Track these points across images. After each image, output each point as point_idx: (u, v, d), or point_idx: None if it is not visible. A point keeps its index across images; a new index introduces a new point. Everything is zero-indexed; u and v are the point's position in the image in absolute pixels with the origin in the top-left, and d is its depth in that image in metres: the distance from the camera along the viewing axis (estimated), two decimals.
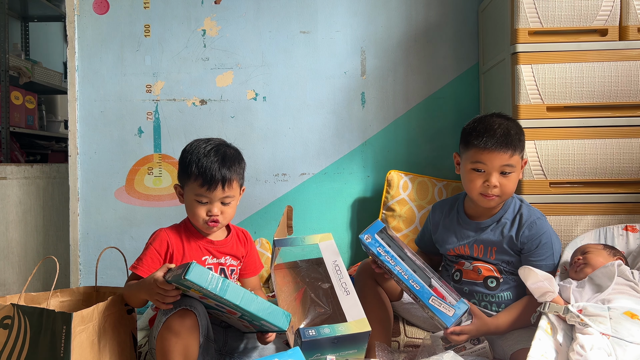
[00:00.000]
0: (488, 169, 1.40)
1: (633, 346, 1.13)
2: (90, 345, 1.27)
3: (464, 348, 1.36)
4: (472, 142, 1.41)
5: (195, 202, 1.36)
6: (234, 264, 1.46)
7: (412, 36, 2.20)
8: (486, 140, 1.38)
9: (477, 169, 1.42)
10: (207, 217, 1.37)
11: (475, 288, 1.48)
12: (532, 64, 1.72)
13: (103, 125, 2.23)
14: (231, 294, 1.16)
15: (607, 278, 1.31)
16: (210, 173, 1.33)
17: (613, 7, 1.70)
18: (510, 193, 1.43)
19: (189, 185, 1.37)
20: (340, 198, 2.22)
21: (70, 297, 1.49)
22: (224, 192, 1.36)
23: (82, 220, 2.22)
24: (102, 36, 2.22)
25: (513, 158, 1.39)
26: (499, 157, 1.38)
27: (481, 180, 1.41)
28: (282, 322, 1.25)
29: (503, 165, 1.39)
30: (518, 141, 1.40)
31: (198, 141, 1.42)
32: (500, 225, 1.47)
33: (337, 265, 1.45)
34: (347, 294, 1.37)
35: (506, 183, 1.40)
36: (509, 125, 1.41)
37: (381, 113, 2.21)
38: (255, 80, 2.21)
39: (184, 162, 1.39)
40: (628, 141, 1.70)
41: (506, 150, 1.38)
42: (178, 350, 1.19)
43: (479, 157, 1.40)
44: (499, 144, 1.37)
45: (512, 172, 1.40)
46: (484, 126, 1.41)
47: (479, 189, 1.42)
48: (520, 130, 1.44)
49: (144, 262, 1.35)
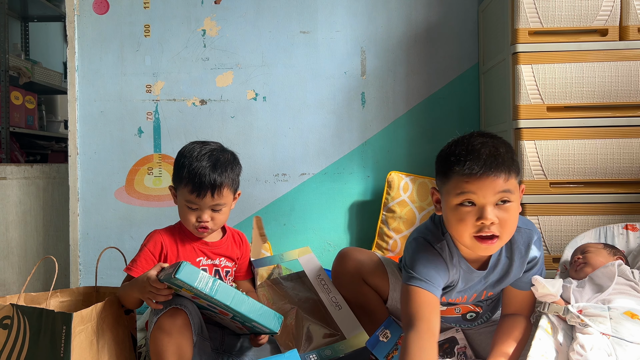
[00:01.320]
0: (479, 200, 1.07)
1: (633, 346, 1.13)
2: (89, 345, 1.26)
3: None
4: (452, 170, 1.09)
5: (186, 207, 1.35)
6: (229, 265, 1.45)
7: (412, 36, 2.20)
8: (471, 164, 1.06)
9: (464, 202, 1.08)
10: (197, 223, 1.35)
11: (450, 319, 1.35)
12: (532, 64, 1.72)
13: (103, 126, 2.22)
14: (222, 294, 1.16)
15: (607, 278, 1.31)
16: (200, 180, 1.30)
17: (613, 7, 1.70)
18: (512, 231, 1.12)
19: (180, 190, 1.35)
20: (340, 198, 2.21)
21: (70, 297, 1.49)
22: (213, 200, 1.33)
23: (82, 221, 2.22)
24: (102, 36, 2.22)
25: (509, 182, 1.07)
26: (491, 184, 1.06)
27: (473, 217, 1.08)
28: (274, 324, 1.24)
29: (498, 193, 1.06)
30: (511, 160, 1.09)
31: (194, 144, 1.39)
32: (499, 268, 1.21)
33: (323, 279, 1.42)
34: (339, 308, 1.35)
35: (506, 217, 1.08)
36: (496, 143, 1.10)
37: (381, 113, 2.21)
38: (255, 80, 2.21)
39: (177, 165, 1.37)
40: (628, 141, 1.70)
41: (498, 172, 1.06)
42: (171, 350, 1.19)
43: (465, 187, 1.07)
44: (489, 166, 1.06)
45: (511, 201, 1.08)
46: (464, 148, 1.09)
47: (472, 229, 1.09)
48: (510, 149, 1.12)
49: (138, 263, 1.35)
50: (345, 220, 2.22)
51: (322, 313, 1.43)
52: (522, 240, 1.19)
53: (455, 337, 1.38)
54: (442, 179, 1.13)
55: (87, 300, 1.50)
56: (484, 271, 1.20)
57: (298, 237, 2.21)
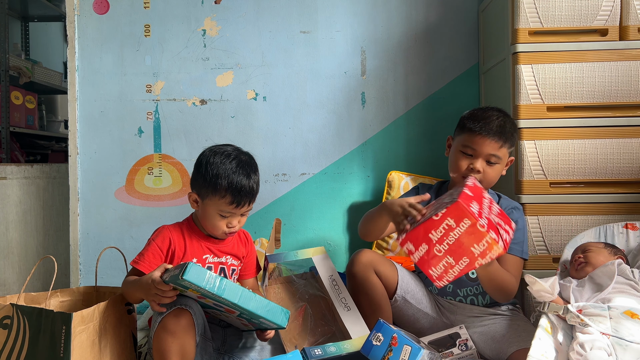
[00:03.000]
0: (476, 153, 1.44)
1: (633, 345, 1.13)
2: (91, 345, 1.27)
3: (451, 354, 1.36)
4: (467, 126, 1.46)
5: (218, 215, 1.37)
6: (235, 263, 1.46)
7: (412, 36, 2.20)
8: (481, 126, 1.43)
9: (465, 152, 1.46)
10: (227, 229, 1.38)
11: (458, 281, 1.50)
12: (532, 64, 1.72)
13: (103, 125, 2.23)
14: (229, 292, 1.17)
15: (607, 277, 1.31)
16: (240, 193, 1.35)
17: (613, 7, 1.70)
18: (491, 183, 1.48)
19: (212, 199, 1.36)
20: (340, 198, 2.22)
21: (70, 297, 1.49)
22: (248, 207, 1.39)
23: (82, 220, 2.22)
24: (102, 36, 2.22)
25: (501, 150, 1.44)
26: (488, 145, 1.43)
27: (467, 162, 1.46)
28: (281, 319, 1.25)
29: (490, 154, 1.43)
30: (510, 136, 1.45)
31: (217, 154, 1.39)
32: None
33: (334, 279, 1.46)
34: (347, 309, 1.38)
35: (489, 172, 1.45)
36: (506, 120, 1.46)
37: (381, 113, 2.21)
38: (256, 80, 2.21)
39: (206, 176, 1.36)
40: (628, 141, 1.70)
41: (497, 140, 1.42)
42: (174, 350, 1.19)
43: (470, 141, 1.45)
44: (492, 132, 1.42)
45: (497, 163, 1.45)
46: (482, 114, 1.47)
47: (463, 171, 1.46)
48: (515, 128, 1.49)
49: (146, 257, 1.35)
50: (345, 220, 2.22)
51: (330, 312, 1.44)
52: (505, 203, 1.53)
53: (459, 332, 1.42)
54: (459, 130, 1.50)
55: (87, 300, 1.50)
56: None
57: (298, 236, 2.21)
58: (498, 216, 1.26)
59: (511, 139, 1.46)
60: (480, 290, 1.51)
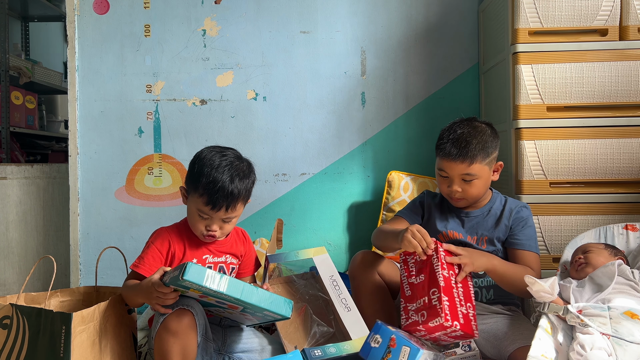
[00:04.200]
0: (450, 176, 1.47)
1: (633, 346, 1.13)
2: (91, 345, 1.27)
3: (454, 353, 1.36)
4: (437, 149, 1.50)
5: (197, 214, 1.35)
6: (234, 262, 1.46)
7: (412, 36, 2.20)
8: (445, 150, 1.45)
9: (441, 175, 1.49)
10: (206, 232, 1.36)
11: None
12: (532, 64, 1.72)
13: (103, 125, 2.23)
14: (231, 288, 1.17)
15: (607, 277, 1.30)
16: (217, 195, 1.30)
17: (613, 7, 1.70)
18: (475, 197, 1.50)
19: (193, 197, 1.35)
20: (340, 198, 2.22)
21: (70, 297, 1.49)
22: (226, 214, 1.34)
23: (82, 220, 2.22)
24: (102, 36, 2.22)
25: (472, 167, 1.44)
26: (457, 167, 1.44)
27: (446, 184, 1.49)
28: (285, 309, 1.26)
29: (462, 174, 1.45)
30: (480, 150, 1.44)
31: (213, 152, 1.37)
32: (492, 215, 1.52)
33: (335, 280, 1.46)
34: (348, 310, 1.38)
35: (469, 189, 1.47)
36: (472, 134, 1.45)
37: (381, 113, 2.21)
38: (256, 80, 2.21)
39: (194, 170, 1.36)
40: (628, 141, 1.70)
41: (463, 160, 1.43)
42: (176, 351, 1.19)
43: (441, 165, 1.48)
44: (456, 155, 1.43)
45: (473, 180, 1.45)
46: (448, 135, 1.48)
47: (445, 191, 1.51)
48: (483, 139, 1.46)
49: (146, 260, 1.35)
50: (345, 220, 2.22)
51: (330, 313, 1.44)
52: (514, 203, 1.53)
53: None
54: (435, 151, 1.52)
55: (87, 300, 1.50)
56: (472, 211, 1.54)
57: (298, 236, 2.21)
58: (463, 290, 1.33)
59: (482, 152, 1.45)
60: (485, 284, 1.51)
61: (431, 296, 1.27)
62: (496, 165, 1.51)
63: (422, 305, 1.27)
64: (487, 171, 1.48)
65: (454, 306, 1.25)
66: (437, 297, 1.25)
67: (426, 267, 1.32)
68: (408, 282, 1.35)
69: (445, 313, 1.22)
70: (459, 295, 1.30)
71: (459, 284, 1.32)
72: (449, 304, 1.24)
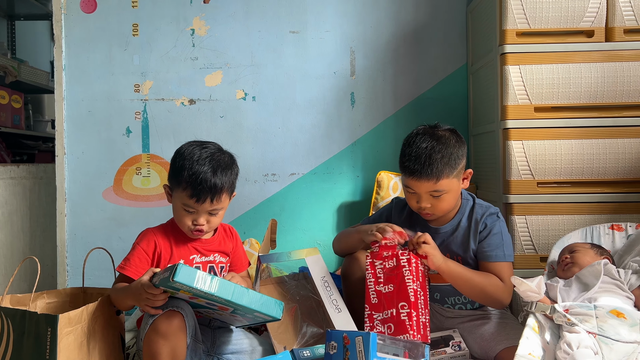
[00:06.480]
0: (417, 192, 1.39)
1: (619, 344, 1.14)
2: (79, 347, 1.25)
3: (444, 352, 1.36)
4: (400, 166, 1.41)
5: (183, 209, 1.34)
6: (223, 260, 1.45)
7: (401, 36, 2.20)
8: (409, 169, 1.37)
9: (409, 191, 1.42)
10: (193, 226, 1.35)
11: (444, 290, 1.49)
12: (520, 65, 1.73)
13: (91, 125, 2.21)
14: (221, 289, 1.16)
15: (593, 277, 1.32)
16: (200, 186, 1.30)
17: (599, 9, 1.72)
18: (446, 210, 1.43)
19: (177, 192, 1.34)
20: (329, 198, 2.22)
21: (56, 298, 1.48)
22: (212, 205, 1.33)
23: (69, 221, 2.20)
24: (89, 35, 2.20)
25: (440, 183, 1.35)
26: (423, 185, 1.36)
27: (414, 200, 1.41)
28: (276, 311, 1.26)
29: (428, 191, 1.37)
30: (445, 165, 1.35)
31: (193, 145, 1.37)
32: (461, 229, 1.46)
33: (326, 281, 1.45)
34: (338, 311, 1.38)
35: (437, 204, 1.39)
36: (436, 148, 1.36)
37: (371, 113, 2.21)
38: (245, 80, 2.21)
39: (175, 166, 1.36)
40: (615, 141, 1.72)
41: (429, 178, 1.34)
42: (165, 352, 1.19)
43: (407, 182, 1.40)
44: (421, 173, 1.35)
45: (442, 195, 1.37)
46: (409, 150, 1.38)
47: (414, 207, 1.43)
48: (448, 152, 1.37)
49: (132, 262, 1.34)
50: (334, 220, 2.22)
51: (321, 313, 1.44)
52: (480, 211, 1.46)
53: (452, 335, 1.43)
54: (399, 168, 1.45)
55: (75, 301, 1.49)
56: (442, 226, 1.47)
57: (288, 237, 2.21)
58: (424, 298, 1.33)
59: (448, 167, 1.36)
60: (468, 299, 1.49)
61: (400, 310, 1.26)
62: (465, 173, 1.43)
63: (390, 317, 1.27)
64: (455, 183, 1.39)
65: (419, 319, 1.26)
66: (407, 313, 1.25)
67: (397, 277, 1.30)
68: (375, 288, 1.32)
69: (414, 330, 1.23)
70: (421, 305, 1.30)
71: (420, 292, 1.30)
72: (417, 319, 1.25)
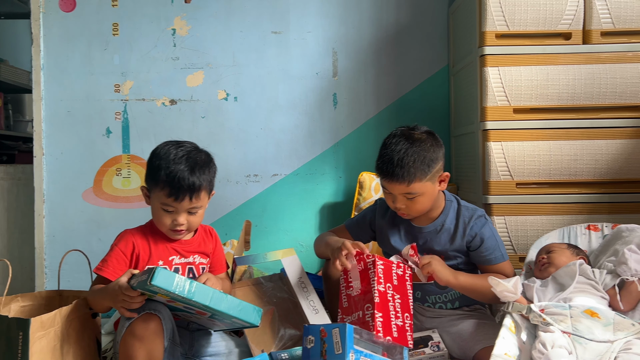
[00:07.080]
0: (392, 193, 1.41)
1: (593, 344, 1.15)
2: (52, 350, 1.23)
3: (423, 353, 1.37)
4: (376, 167, 1.43)
5: (161, 209, 1.33)
6: (204, 262, 1.44)
7: (383, 38, 2.21)
8: (382, 170, 1.39)
9: (385, 191, 1.45)
10: (173, 226, 1.34)
11: (426, 289, 1.50)
12: (499, 67, 1.74)
13: (70, 126, 2.18)
14: (200, 295, 1.15)
15: (569, 277, 1.33)
16: (178, 184, 1.29)
17: (577, 12, 1.74)
18: (421, 212, 1.44)
19: (155, 192, 1.33)
20: (312, 199, 2.21)
21: (31, 301, 1.45)
22: (191, 203, 1.32)
23: (47, 223, 2.17)
24: (68, 34, 2.17)
25: (412, 187, 1.37)
26: (397, 187, 1.38)
27: (390, 200, 1.44)
28: (254, 317, 1.25)
29: (403, 193, 1.39)
30: (417, 169, 1.36)
31: (169, 145, 1.36)
32: (445, 231, 1.46)
33: (303, 282, 1.45)
34: (316, 312, 1.38)
35: (412, 205, 1.41)
36: (410, 151, 1.37)
37: (353, 114, 2.21)
38: (226, 80, 2.20)
39: (152, 166, 1.35)
40: (592, 142, 1.74)
41: (402, 181, 1.36)
42: (142, 356, 1.17)
43: (383, 183, 1.43)
44: (394, 176, 1.37)
45: (416, 197, 1.39)
46: (384, 152, 1.41)
47: (391, 206, 1.45)
48: (422, 155, 1.37)
49: (109, 263, 1.33)
50: (317, 221, 2.22)
51: (298, 315, 1.43)
52: (467, 214, 1.47)
53: (431, 335, 1.44)
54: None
55: (50, 304, 1.47)
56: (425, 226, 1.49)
57: (270, 238, 2.20)
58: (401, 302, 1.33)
59: (421, 171, 1.36)
60: (449, 298, 1.50)
61: (365, 312, 1.27)
62: (442, 176, 1.43)
63: (357, 319, 1.27)
64: (429, 186, 1.40)
65: (387, 321, 1.26)
66: (371, 314, 1.25)
67: (364, 280, 1.31)
68: (346, 292, 1.33)
69: (377, 330, 1.23)
70: (395, 308, 1.29)
71: (396, 295, 1.30)
72: (383, 320, 1.25)
